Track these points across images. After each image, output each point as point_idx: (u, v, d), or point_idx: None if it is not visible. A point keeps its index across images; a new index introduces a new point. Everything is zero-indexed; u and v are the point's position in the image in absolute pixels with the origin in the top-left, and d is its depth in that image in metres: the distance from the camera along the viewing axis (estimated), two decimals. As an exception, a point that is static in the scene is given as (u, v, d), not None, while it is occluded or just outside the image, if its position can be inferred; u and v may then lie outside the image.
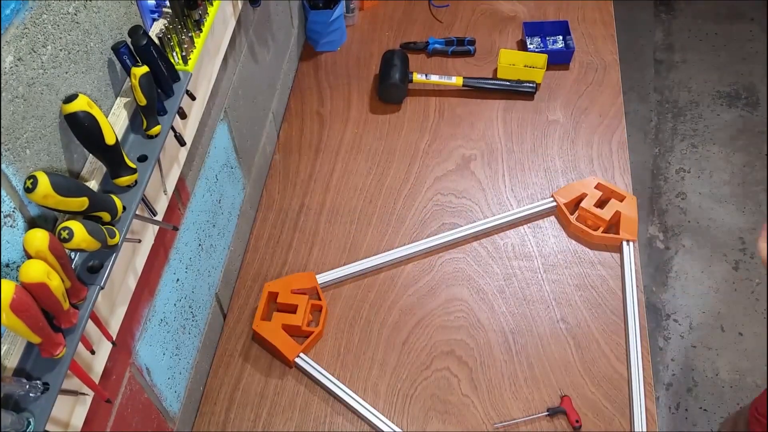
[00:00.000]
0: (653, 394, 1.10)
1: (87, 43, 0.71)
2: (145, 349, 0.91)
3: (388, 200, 1.36)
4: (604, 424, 1.07)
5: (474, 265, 1.26)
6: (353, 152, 1.45)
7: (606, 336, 1.16)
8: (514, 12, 1.73)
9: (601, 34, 1.67)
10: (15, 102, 0.60)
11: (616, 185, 1.34)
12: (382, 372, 1.14)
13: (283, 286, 1.20)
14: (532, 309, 1.20)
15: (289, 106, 1.55)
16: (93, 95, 0.74)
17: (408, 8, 1.76)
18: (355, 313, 1.20)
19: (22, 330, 0.55)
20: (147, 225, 0.84)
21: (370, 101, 1.55)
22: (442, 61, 1.63)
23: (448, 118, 1.51)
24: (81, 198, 0.63)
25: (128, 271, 0.80)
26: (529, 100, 1.53)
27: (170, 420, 1.02)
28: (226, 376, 1.15)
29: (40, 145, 0.65)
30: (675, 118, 2.67)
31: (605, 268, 1.24)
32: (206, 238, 1.11)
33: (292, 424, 1.09)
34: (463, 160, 1.43)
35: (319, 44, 1.65)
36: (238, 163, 1.24)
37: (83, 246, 0.62)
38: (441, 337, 1.17)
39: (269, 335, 1.14)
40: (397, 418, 1.09)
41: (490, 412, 1.09)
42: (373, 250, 1.28)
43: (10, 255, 0.61)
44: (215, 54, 1.01)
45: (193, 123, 0.95)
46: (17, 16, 0.59)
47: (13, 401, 0.60)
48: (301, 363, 1.13)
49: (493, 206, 1.34)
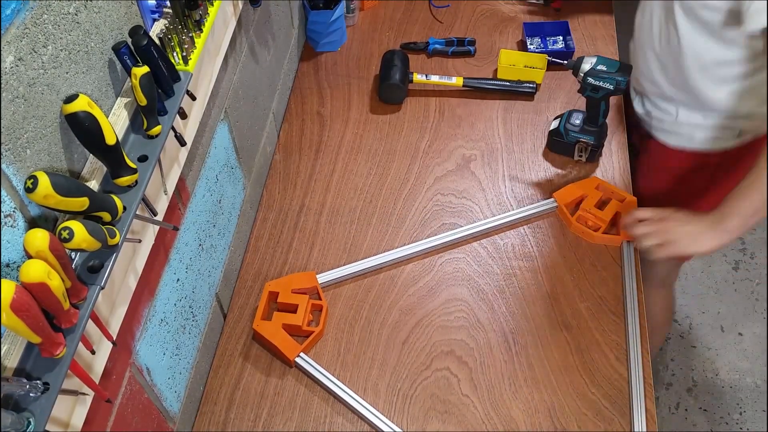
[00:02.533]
0: (653, 394, 1.10)
1: (87, 43, 0.71)
2: (146, 349, 0.92)
3: (389, 200, 1.36)
4: (604, 424, 1.07)
5: (474, 265, 1.26)
6: (353, 152, 1.45)
7: (606, 336, 1.16)
8: (514, 12, 1.73)
9: (601, 35, 1.67)
10: (15, 102, 0.60)
11: (617, 185, 1.34)
12: (382, 372, 1.14)
13: (284, 285, 1.20)
14: (532, 309, 1.20)
15: (289, 107, 1.55)
16: (93, 95, 0.74)
17: (408, 8, 1.76)
18: (355, 313, 1.21)
19: (23, 330, 0.55)
20: (147, 225, 0.84)
21: (370, 101, 1.55)
22: (442, 61, 1.63)
23: (448, 119, 1.51)
24: (81, 198, 0.63)
25: (128, 271, 0.80)
26: (529, 100, 1.53)
27: (170, 420, 1.02)
28: (226, 376, 1.15)
29: (41, 145, 0.65)
30: (675, 119, 2.67)
31: (605, 268, 1.24)
32: (206, 238, 1.11)
33: (292, 424, 1.09)
34: (464, 161, 1.43)
35: (319, 44, 1.65)
36: (238, 163, 1.24)
37: (84, 246, 0.62)
38: (441, 337, 1.17)
39: (269, 335, 1.14)
40: (397, 418, 1.09)
41: (490, 412, 1.09)
42: (373, 250, 1.28)
43: (10, 255, 0.61)
44: (216, 54, 1.01)
45: (194, 123, 0.95)
46: (18, 16, 0.59)
47: (13, 401, 0.60)
48: (301, 363, 1.13)
49: (493, 206, 1.34)
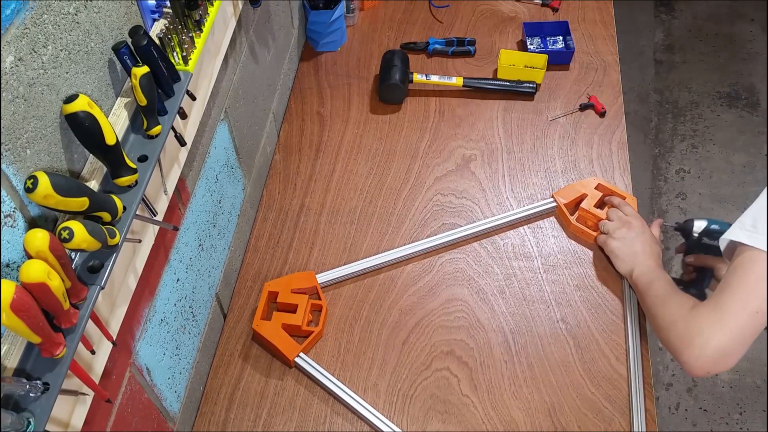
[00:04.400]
0: (653, 394, 1.10)
1: (87, 43, 0.71)
2: (146, 349, 0.91)
3: (389, 200, 1.36)
4: (604, 424, 1.07)
5: (474, 265, 1.26)
6: (353, 152, 1.45)
7: (606, 336, 1.16)
8: (514, 12, 1.73)
9: (601, 35, 1.67)
10: (15, 102, 0.60)
11: (617, 185, 1.34)
12: (382, 372, 1.14)
13: (283, 285, 1.20)
14: (532, 309, 1.20)
15: (289, 107, 1.55)
16: (93, 95, 0.74)
17: (408, 8, 1.76)
18: (355, 313, 1.21)
19: (23, 330, 0.55)
20: (147, 225, 0.84)
21: (370, 101, 1.55)
22: (442, 61, 1.63)
23: (448, 119, 1.51)
24: (81, 198, 0.63)
25: (128, 271, 0.80)
26: (529, 100, 1.53)
27: (170, 420, 1.02)
28: (226, 376, 1.15)
29: (41, 145, 0.65)
30: (675, 119, 2.68)
31: (605, 268, 1.24)
32: (206, 238, 1.11)
33: (292, 424, 1.09)
34: (464, 161, 1.43)
35: (319, 44, 1.65)
36: (238, 163, 1.24)
37: (83, 246, 0.62)
38: (441, 337, 1.17)
39: (269, 335, 1.14)
40: (397, 418, 1.09)
41: (490, 412, 1.09)
42: (373, 250, 1.28)
43: (10, 255, 0.61)
44: (216, 54, 1.01)
45: (194, 123, 0.95)
46: (18, 16, 0.59)
47: (13, 401, 0.60)
48: (301, 363, 1.13)
49: (493, 206, 1.34)
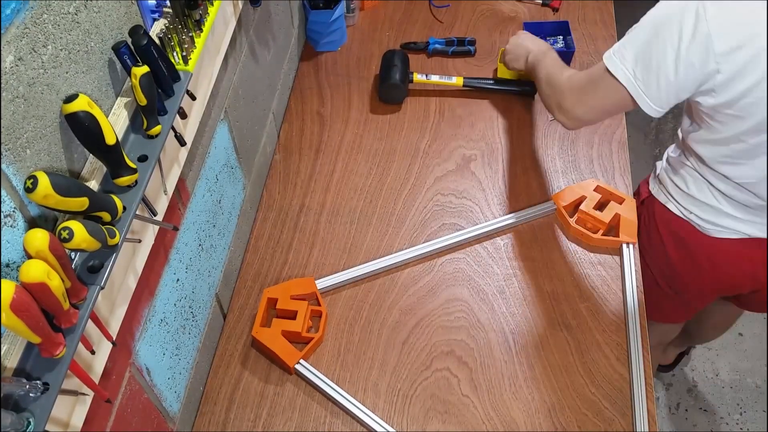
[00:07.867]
0: (653, 395, 1.10)
1: (87, 42, 0.71)
2: (145, 349, 0.91)
3: (389, 200, 1.36)
4: (604, 425, 1.07)
5: (474, 265, 1.26)
6: (353, 152, 1.45)
7: (606, 336, 1.16)
8: (514, 12, 1.73)
9: (602, 35, 1.67)
10: (15, 102, 0.60)
11: (617, 186, 1.34)
12: (382, 372, 1.14)
13: (283, 291, 1.19)
14: (532, 309, 1.20)
15: (289, 106, 1.55)
16: (93, 95, 0.74)
17: (408, 8, 1.76)
18: (355, 314, 1.20)
19: (22, 330, 0.55)
20: (147, 225, 0.84)
21: (370, 101, 1.55)
22: (442, 61, 1.63)
23: (448, 119, 1.51)
24: (81, 198, 0.63)
25: (128, 271, 0.80)
26: (530, 100, 1.53)
27: (170, 420, 1.02)
28: (226, 377, 1.15)
29: (41, 145, 0.65)
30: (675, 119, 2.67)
31: (605, 269, 1.24)
32: (206, 238, 1.11)
33: (292, 425, 1.09)
34: (464, 161, 1.43)
35: (319, 44, 1.65)
36: (238, 163, 1.24)
37: (83, 246, 0.62)
38: (441, 338, 1.17)
39: (269, 342, 1.13)
40: (397, 418, 1.09)
41: (490, 413, 1.09)
42: (373, 250, 1.28)
43: (10, 255, 0.61)
44: (216, 54, 1.01)
45: (194, 123, 0.95)
46: (18, 16, 0.59)
47: (13, 401, 0.60)
48: (300, 370, 1.12)
49: (493, 207, 1.34)
